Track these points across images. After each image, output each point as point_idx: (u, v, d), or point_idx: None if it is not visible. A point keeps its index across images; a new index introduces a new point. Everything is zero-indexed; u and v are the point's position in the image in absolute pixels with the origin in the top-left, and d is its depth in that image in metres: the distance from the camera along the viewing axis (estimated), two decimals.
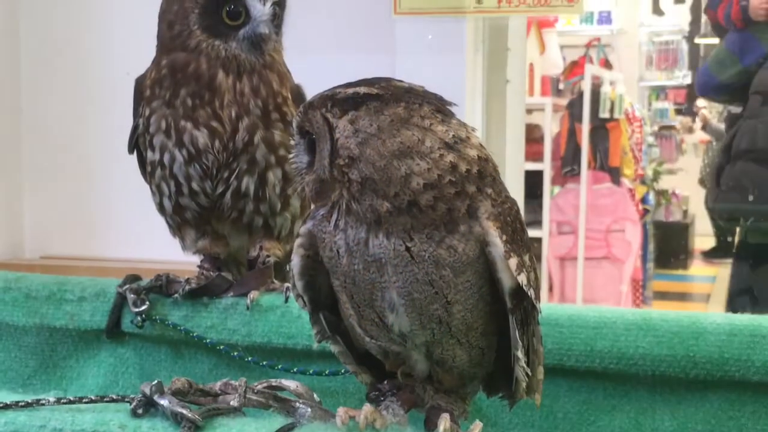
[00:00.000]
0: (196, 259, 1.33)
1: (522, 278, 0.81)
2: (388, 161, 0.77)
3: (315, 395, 1.00)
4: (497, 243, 0.79)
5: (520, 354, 0.84)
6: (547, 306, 1.00)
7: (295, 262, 0.88)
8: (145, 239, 2.02)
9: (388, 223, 0.78)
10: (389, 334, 0.84)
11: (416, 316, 0.81)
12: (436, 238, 0.78)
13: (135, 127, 1.29)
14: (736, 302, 2.92)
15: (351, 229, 0.80)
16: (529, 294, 0.82)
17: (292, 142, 0.87)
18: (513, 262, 0.80)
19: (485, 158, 0.81)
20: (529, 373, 0.87)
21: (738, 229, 3.09)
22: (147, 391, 0.82)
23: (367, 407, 0.82)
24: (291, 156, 0.88)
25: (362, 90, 0.80)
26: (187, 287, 1.26)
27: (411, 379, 0.90)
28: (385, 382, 0.91)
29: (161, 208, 1.29)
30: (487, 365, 0.90)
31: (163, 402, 0.81)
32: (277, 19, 1.25)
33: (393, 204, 0.77)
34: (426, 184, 0.77)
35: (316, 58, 1.72)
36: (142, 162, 1.30)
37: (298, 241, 0.88)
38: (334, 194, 0.80)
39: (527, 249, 0.83)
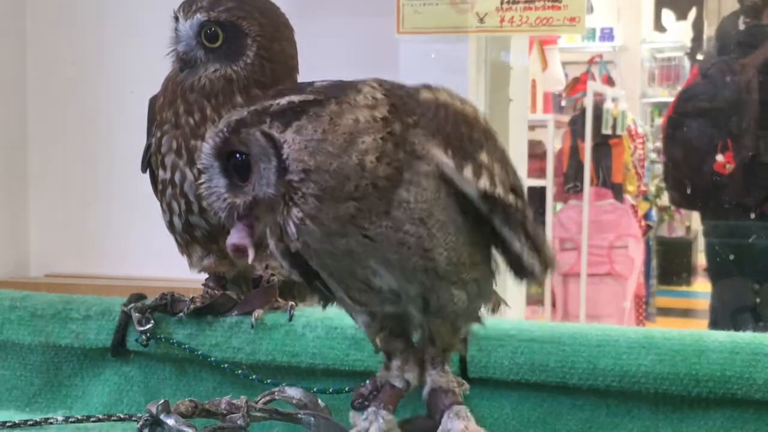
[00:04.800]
0: (201, 277, 1.33)
1: (483, 182, 0.77)
2: (339, 159, 0.74)
3: (320, 401, 1.00)
4: (444, 160, 0.76)
5: (520, 247, 0.81)
6: (549, 324, 1.00)
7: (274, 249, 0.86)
8: (150, 258, 2.03)
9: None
10: (380, 296, 0.82)
11: (400, 274, 0.79)
12: (383, 208, 0.76)
13: (148, 146, 1.29)
14: (737, 319, 2.93)
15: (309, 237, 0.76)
16: (497, 193, 0.78)
17: (200, 166, 0.80)
18: (468, 171, 0.77)
19: (388, 90, 0.78)
20: (543, 252, 0.83)
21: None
22: (153, 410, 0.83)
23: None
24: (201, 182, 0.81)
25: (296, 98, 0.77)
26: (192, 306, 1.26)
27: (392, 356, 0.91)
28: (367, 382, 0.92)
29: (171, 226, 1.29)
30: (486, 296, 0.88)
31: (170, 421, 0.82)
32: (215, 41, 1.20)
33: (356, 199, 0.74)
34: (378, 156, 0.75)
35: (320, 77, 1.73)
36: (154, 181, 1.31)
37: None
38: (274, 215, 0.77)
39: (480, 145, 0.79)
